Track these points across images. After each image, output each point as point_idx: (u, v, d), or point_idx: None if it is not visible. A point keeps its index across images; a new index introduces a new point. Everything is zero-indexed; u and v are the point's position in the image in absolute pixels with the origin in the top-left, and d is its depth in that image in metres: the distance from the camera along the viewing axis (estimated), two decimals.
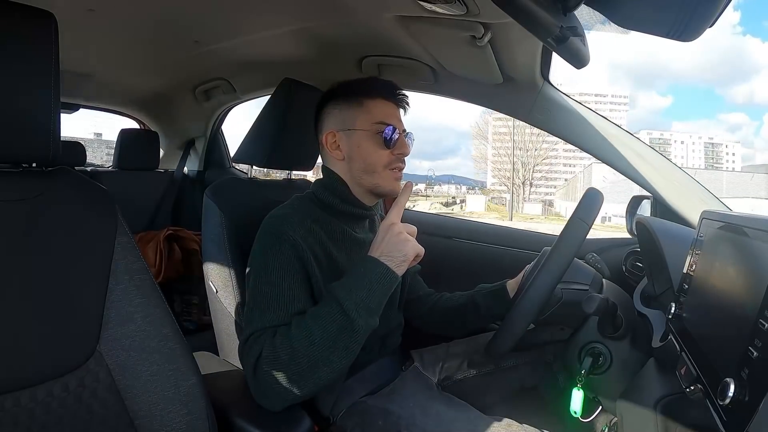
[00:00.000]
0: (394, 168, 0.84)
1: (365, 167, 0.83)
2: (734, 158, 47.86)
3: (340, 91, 0.86)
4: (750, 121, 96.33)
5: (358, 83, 0.85)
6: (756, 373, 0.40)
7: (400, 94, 0.86)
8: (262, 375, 0.68)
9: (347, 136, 0.83)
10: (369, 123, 0.82)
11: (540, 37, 0.63)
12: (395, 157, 0.83)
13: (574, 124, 1.13)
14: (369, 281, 0.68)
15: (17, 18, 0.54)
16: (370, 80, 0.86)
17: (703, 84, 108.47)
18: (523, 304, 0.76)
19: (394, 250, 0.70)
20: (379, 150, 0.82)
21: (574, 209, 0.78)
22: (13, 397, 0.52)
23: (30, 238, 0.57)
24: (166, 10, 1.12)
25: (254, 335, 0.71)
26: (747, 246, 0.51)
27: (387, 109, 0.84)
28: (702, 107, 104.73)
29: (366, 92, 0.84)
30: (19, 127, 0.55)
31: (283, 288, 0.73)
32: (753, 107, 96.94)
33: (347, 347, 0.68)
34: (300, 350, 0.66)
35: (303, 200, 0.85)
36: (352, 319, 0.66)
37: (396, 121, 0.84)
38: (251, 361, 0.69)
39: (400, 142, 0.84)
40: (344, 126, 0.83)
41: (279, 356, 0.67)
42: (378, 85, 0.85)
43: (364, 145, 0.82)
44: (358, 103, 0.83)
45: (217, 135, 2.06)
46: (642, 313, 0.84)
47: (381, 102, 0.84)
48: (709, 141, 46.26)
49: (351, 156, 0.83)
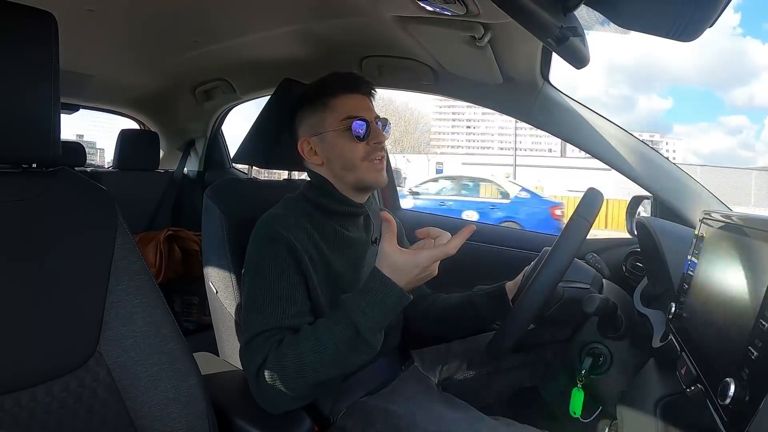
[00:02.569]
0: (372, 159, 0.83)
1: (344, 165, 0.82)
2: (674, 154, 48.51)
3: (305, 98, 0.85)
4: (750, 124, 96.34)
5: (318, 85, 0.84)
6: (756, 373, 0.40)
7: (362, 83, 0.84)
8: (265, 381, 0.68)
9: (320, 140, 0.83)
10: (337, 121, 0.81)
11: (540, 37, 0.63)
12: (372, 147, 0.82)
13: (574, 124, 1.14)
14: (383, 305, 0.67)
15: (17, 18, 0.54)
16: (329, 78, 0.84)
17: (702, 86, 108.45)
18: (525, 301, 0.76)
19: (419, 282, 0.70)
20: (353, 145, 0.81)
21: (576, 207, 0.78)
22: (13, 397, 0.52)
23: (30, 238, 0.56)
24: (165, 11, 1.12)
25: (257, 338, 0.71)
26: (747, 246, 0.51)
27: (352, 102, 0.83)
28: (702, 109, 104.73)
29: (329, 92, 0.83)
30: (19, 127, 0.55)
31: (280, 288, 0.73)
32: (753, 110, 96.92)
33: (357, 363, 0.70)
34: (307, 363, 0.67)
35: (296, 201, 0.85)
36: (367, 340, 0.67)
37: (364, 112, 0.83)
38: (254, 365, 0.69)
39: (373, 131, 0.82)
40: (315, 131, 0.83)
41: (285, 366, 0.67)
42: (338, 80, 0.84)
43: (338, 144, 0.82)
44: (322, 105, 0.83)
45: (217, 135, 2.06)
46: (642, 313, 0.84)
47: (344, 97, 0.83)
48: (650, 139, 47.22)
49: (329, 158, 0.83)
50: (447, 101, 6.62)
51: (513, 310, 0.78)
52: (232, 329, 0.92)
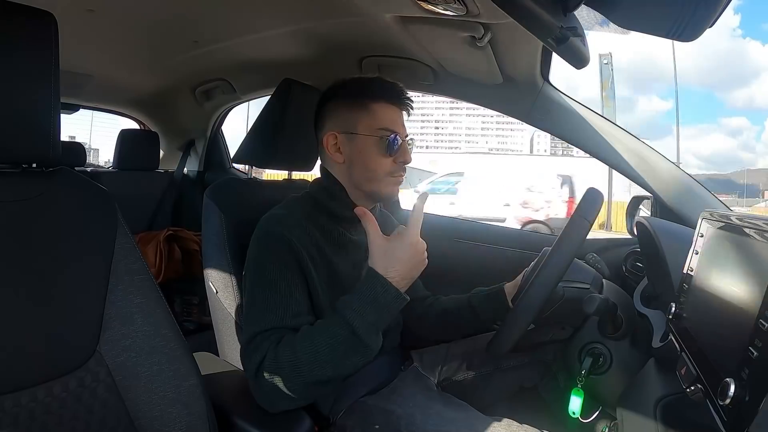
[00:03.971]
0: (395, 175, 0.83)
1: (366, 173, 0.81)
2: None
3: (343, 91, 0.83)
4: (751, 125, 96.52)
5: (362, 83, 0.83)
6: (756, 373, 0.40)
7: (405, 97, 0.84)
8: (264, 380, 0.68)
9: (349, 140, 0.82)
10: (373, 128, 0.80)
11: (540, 37, 0.63)
12: (397, 165, 0.82)
13: (574, 124, 1.13)
14: (379, 305, 0.67)
15: (17, 18, 0.54)
16: (375, 81, 0.83)
17: (702, 88, 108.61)
18: (524, 301, 0.76)
19: (413, 270, 0.70)
20: (381, 157, 0.80)
21: (576, 208, 0.78)
22: (13, 397, 0.52)
23: (30, 238, 0.56)
24: (165, 11, 1.12)
25: (257, 338, 0.71)
26: (747, 246, 0.51)
27: (391, 115, 0.82)
28: (702, 111, 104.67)
29: (371, 95, 0.81)
30: (19, 127, 0.55)
31: (281, 288, 0.73)
32: (753, 111, 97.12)
33: (354, 364, 0.69)
34: (303, 362, 0.67)
35: (299, 201, 0.85)
36: (363, 340, 0.67)
37: (399, 128, 0.82)
38: (253, 364, 0.69)
39: (402, 149, 0.82)
40: (346, 129, 0.82)
41: (282, 365, 0.67)
42: (384, 87, 0.82)
43: (366, 151, 0.81)
44: (361, 106, 0.81)
45: (217, 135, 2.06)
46: (642, 313, 0.84)
47: (385, 106, 0.81)
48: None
49: (352, 160, 0.82)
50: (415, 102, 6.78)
51: (513, 310, 0.78)
52: (232, 329, 0.92)
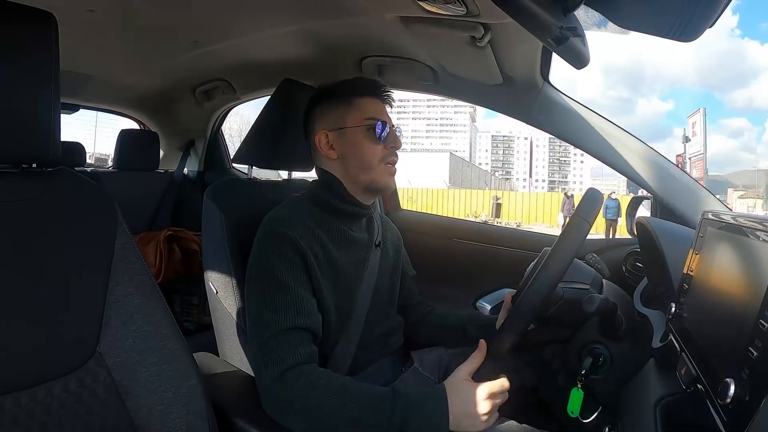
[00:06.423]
0: (388, 162, 0.86)
1: (361, 164, 0.84)
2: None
3: (328, 93, 0.88)
4: (751, 126, 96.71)
5: (345, 83, 0.87)
6: (756, 373, 0.40)
7: (385, 91, 0.89)
8: (283, 388, 0.67)
9: (339, 135, 0.85)
10: (360, 119, 0.84)
11: (540, 38, 0.63)
12: (389, 151, 0.85)
13: (574, 124, 1.14)
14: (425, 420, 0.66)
15: (17, 18, 0.54)
16: (357, 80, 0.89)
17: (702, 88, 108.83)
18: (524, 302, 0.76)
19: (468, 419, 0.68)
20: (372, 145, 0.84)
21: (576, 208, 0.78)
22: (13, 397, 0.52)
23: (30, 238, 0.56)
24: (165, 11, 1.12)
25: (278, 338, 0.70)
26: (747, 246, 0.51)
27: (375, 106, 0.86)
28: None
29: (354, 91, 0.86)
30: (19, 127, 0.55)
31: (291, 287, 0.74)
32: (753, 112, 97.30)
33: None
34: (327, 404, 0.66)
35: (300, 200, 0.87)
36: (393, 423, 0.65)
37: (385, 117, 0.87)
38: (276, 367, 0.68)
39: (391, 135, 0.86)
40: (335, 125, 0.85)
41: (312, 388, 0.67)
42: (366, 83, 0.88)
43: (358, 142, 0.84)
44: (347, 102, 0.85)
45: (217, 135, 2.06)
46: (642, 313, 0.84)
47: (369, 99, 0.86)
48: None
49: (345, 154, 0.85)
50: None
51: (513, 310, 0.78)
52: (232, 329, 0.92)
